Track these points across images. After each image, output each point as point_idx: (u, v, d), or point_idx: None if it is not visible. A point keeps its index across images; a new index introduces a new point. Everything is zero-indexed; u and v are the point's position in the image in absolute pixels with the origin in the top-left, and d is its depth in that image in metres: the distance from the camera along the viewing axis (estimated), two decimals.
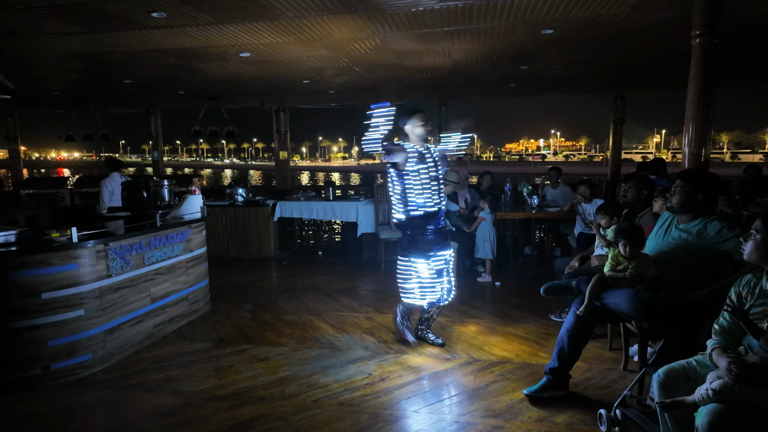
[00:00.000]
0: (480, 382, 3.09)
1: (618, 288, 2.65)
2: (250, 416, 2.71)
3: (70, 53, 5.09)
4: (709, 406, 1.73)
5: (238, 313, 4.53)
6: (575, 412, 2.69)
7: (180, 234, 4.17)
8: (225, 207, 6.94)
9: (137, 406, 2.85)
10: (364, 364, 3.37)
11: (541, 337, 3.84)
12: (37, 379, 3.08)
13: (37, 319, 3.06)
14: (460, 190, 5.93)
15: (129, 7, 3.66)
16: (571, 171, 40.40)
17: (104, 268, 3.37)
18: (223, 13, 3.86)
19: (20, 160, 9.61)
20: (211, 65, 5.75)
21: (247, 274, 6.05)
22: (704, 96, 3.17)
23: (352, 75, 6.58)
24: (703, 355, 2.01)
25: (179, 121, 9.21)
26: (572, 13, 3.94)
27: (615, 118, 8.06)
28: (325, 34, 4.51)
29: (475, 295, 5.09)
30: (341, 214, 6.80)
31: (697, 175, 2.68)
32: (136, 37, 4.48)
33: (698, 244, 2.56)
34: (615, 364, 3.30)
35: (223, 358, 3.53)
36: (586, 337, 2.79)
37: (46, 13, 3.75)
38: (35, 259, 3.05)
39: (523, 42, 4.89)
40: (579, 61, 5.80)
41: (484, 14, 3.97)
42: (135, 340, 3.65)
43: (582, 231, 4.87)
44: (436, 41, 4.84)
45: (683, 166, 3.26)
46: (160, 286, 3.92)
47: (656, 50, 5.24)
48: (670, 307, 2.46)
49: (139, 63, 5.61)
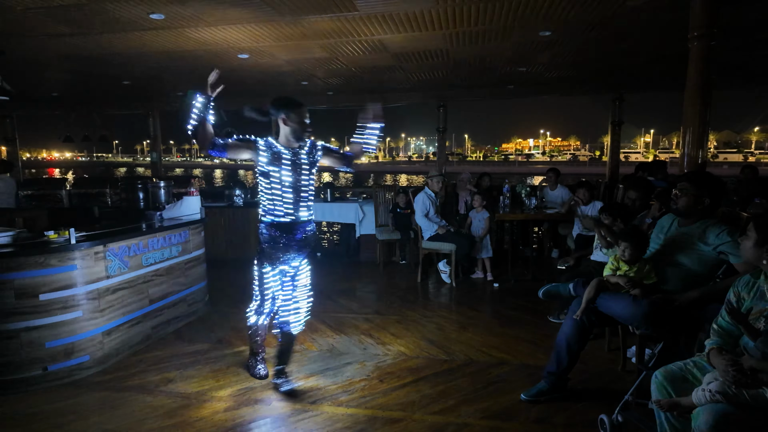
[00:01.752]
0: (478, 383, 3.09)
1: (616, 293, 2.65)
2: (249, 418, 2.71)
3: (68, 54, 5.09)
4: (707, 407, 1.74)
5: (237, 315, 4.52)
6: (574, 413, 2.70)
7: (178, 235, 4.17)
8: (223, 208, 6.93)
9: (135, 407, 2.84)
10: (362, 366, 3.37)
11: (539, 338, 3.84)
12: (35, 380, 3.07)
13: (35, 321, 3.05)
14: (461, 192, 5.94)
15: (128, 9, 3.67)
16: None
17: (102, 269, 3.37)
18: (222, 15, 3.87)
19: (19, 161, 9.59)
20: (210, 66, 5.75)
21: (246, 276, 6.01)
22: (702, 97, 3.19)
23: (350, 77, 6.59)
24: (701, 356, 2.02)
25: (174, 122, 9.20)
26: (570, 15, 3.95)
27: (613, 120, 8.06)
28: (322, 36, 4.52)
29: (474, 296, 5.09)
30: (340, 215, 6.79)
31: (704, 178, 2.65)
32: (135, 38, 4.48)
33: (699, 246, 2.56)
34: (613, 364, 3.30)
35: (221, 359, 3.52)
36: (584, 340, 2.78)
37: (44, 14, 3.76)
38: (33, 260, 3.04)
39: (521, 44, 4.91)
40: (577, 62, 5.82)
41: (482, 16, 3.99)
42: (133, 341, 3.64)
43: (580, 232, 4.88)
44: (435, 43, 4.86)
45: (682, 167, 3.27)
46: (158, 288, 3.92)
47: (654, 52, 5.27)
48: (667, 313, 2.46)
49: (138, 64, 5.61)
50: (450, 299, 5.05)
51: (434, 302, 4.92)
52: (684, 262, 2.62)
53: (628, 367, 3.20)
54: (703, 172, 2.94)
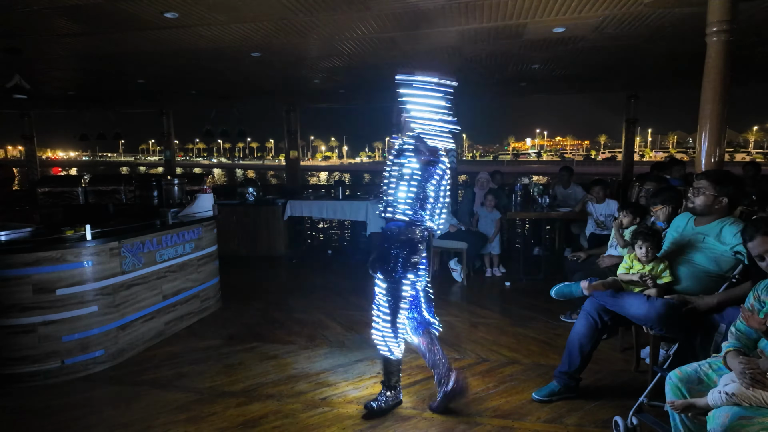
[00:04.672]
0: (489, 382, 3.08)
1: (630, 292, 2.62)
2: (260, 413, 2.73)
3: (83, 53, 5.16)
4: (722, 409, 1.71)
5: (249, 311, 4.56)
6: (586, 414, 2.67)
7: (191, 232, 4.21)
8: (235, 206, 6.99)
9: (148, 401, 2.88)
10: (372, 363, 3.37)
11: (551, 338, 3.81)
12: (52, 373, 3.13)
13: (52, 315, 3.11)
14: (479, 192, 5.91)
15: (142, 8, 3.71)
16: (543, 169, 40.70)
17: (117, 265, 3.42)
18: (235, 13, 3.89)
19: (36, 158, 9.76)
20: (222, 65, 5.80)
21: (257, 273, 6.09)
22: (720, 94, 3.13)
23: (362, 74, 6.58)
24: (716, 358, 1.99)
25: (181, 121, 9.33)
26: (584, 12, 3.90)
27: (628, 118, 7.95)
28: (334, 34, 4.52)
29: (485, 295, 5.07)
30: (350, 213, 6.80)
31: (723, 176, 2.58)
32: (149, 37, 4.53)
33: (715, 245, 2.51)
34: (626, 365, 3.26)
35: (233, 355, 3.56)
36: (596, 340, 2.75)
37: (60, 13, 3.81)
38: (50, 256, 3.10)
39: (534, 41, 4.86)
40: (591, 59, 5.74)
41: (495, 12, 3.95)
42: (147, 336, 3.69)
43: (594, 231, 4.83)
44: (447, 40, 4.83)
45: (698, 166, 3.21)
46: (171, 284, 3.96)
47: (670, 48, 5.18)
48: (682, 314, 2.42)
49: (152, 63, 5.67)
50: (461, 298, 5.03)
51: (445, 300, 4.90)
52: (699, 261, 2.57)
53: (641, 367, 3.16)
54: (721, 170, 2.88)
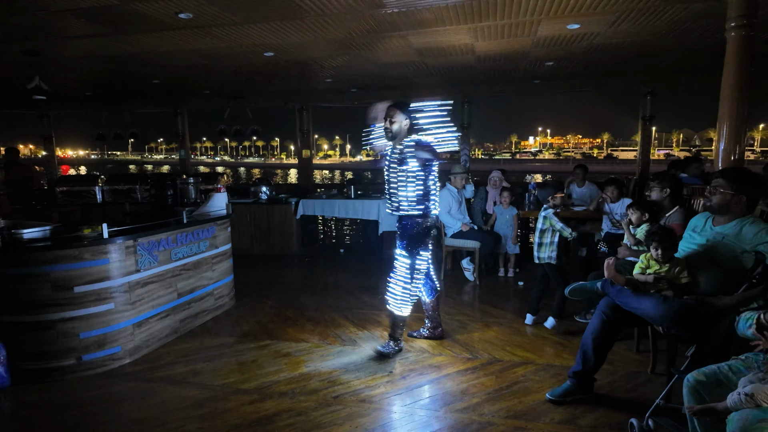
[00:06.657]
0: (502, 382, 3.06)
1: (646, 292, 2.57)
2: (273, 410, 2.75)
3: (99, 54, 5.24)
4: (742, 412, 1.68)
5: (262, 309, 4.60)
6: (600, 416, 2.64)
7: (206, 231, 4.25)
8: (249, 204, 7.05)
9: (164, 397, 2.92)
10: (385, 362, 3.37)
11: (565, 337, 3.77)
12: (70, 370, 3.19)
13: (70, 312, 3.17)
14: (492, 191, 5.88)
15: (157, 9, 3.75)
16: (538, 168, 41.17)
17: (133, 263, 3.47)
18: (248, 13, 3.92)
19: (55, 158, 9.95)
20: (236, 64, 5.84)
21: (271, 271, 6.13)
22: (739, 91, 3.06)
23: (374, 73, 6.58)
24: (736, 360, 1.94)
25: (189, 120, 9.43)
26: (599, 7, 3.85)
27: (643, 115, 7.80)
28: (347, 33, 4.52)
29: (498, 294, 5.04)
30: (362, 212, 6.82)
31: (741, 174, 2.52)
32: (164, 37, 4.58)
33: (734, 246, 2.46)
34: (642, 366, 3.21)
35: (246, 352, 3.59)
36: (611, 340, 2.72)
37: (77, 15, 3.88)
38: (68, 254, 3.16)
39: (548, 37, 4.81)
40: (606, 56, 5.66)
41: (509, 10, 3.92)
42: (162, 333, 3.75)
43: (609, 230, 4.76)
44: (459, 38, 4.80)
45: (717, 164, 3.15)
46: (186, 282, 4.01)
47: (688, 44, 5.08)
48: (700, 315, 2.38)
49: (167, 63, 5.74)
50: (473, 297, 5.01)
51: (457, 300, 4.88)
52: (719, 262, 2.52)
53: (657, 369, 3.12)
54: (739, 168, 2.82)
